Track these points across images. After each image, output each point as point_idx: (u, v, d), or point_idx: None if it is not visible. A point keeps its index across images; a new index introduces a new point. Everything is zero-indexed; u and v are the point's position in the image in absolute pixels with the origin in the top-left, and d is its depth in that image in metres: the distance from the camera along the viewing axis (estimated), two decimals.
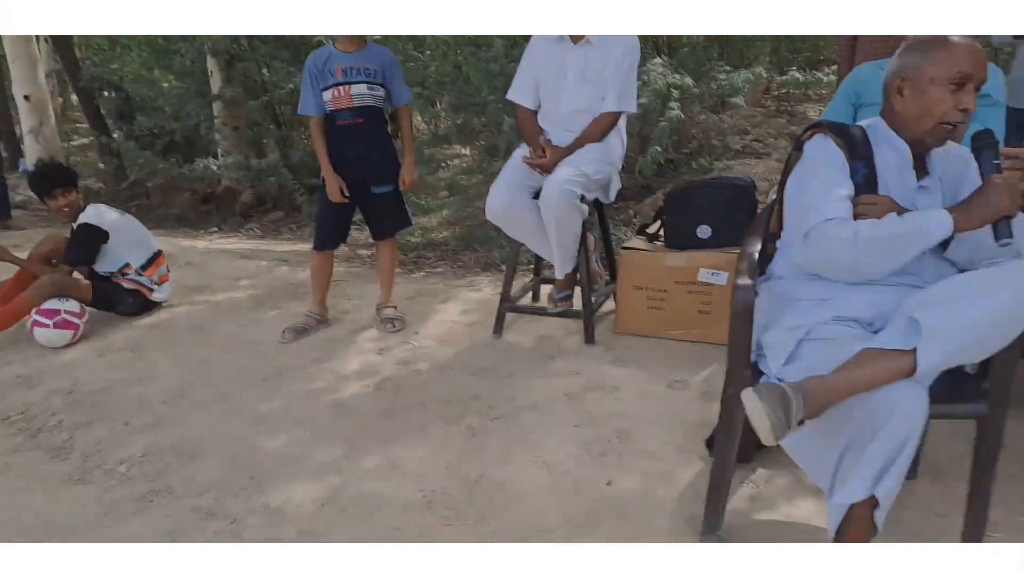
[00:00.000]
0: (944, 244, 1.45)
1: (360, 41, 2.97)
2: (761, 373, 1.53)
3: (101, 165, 7.44)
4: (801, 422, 1.32)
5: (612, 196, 2.91)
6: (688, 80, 4.46)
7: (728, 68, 5.06)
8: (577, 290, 2.90)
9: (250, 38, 6.10)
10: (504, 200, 2.76)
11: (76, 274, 3.28)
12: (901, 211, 1.46)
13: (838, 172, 1.52)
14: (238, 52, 6.07)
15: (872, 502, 1.33)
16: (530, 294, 3.30)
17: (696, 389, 2.42)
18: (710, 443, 2.02)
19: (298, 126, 6.52)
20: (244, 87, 6.24)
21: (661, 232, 2.93)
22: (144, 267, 3.41)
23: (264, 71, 6.38)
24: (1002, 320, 1.30)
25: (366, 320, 3.26)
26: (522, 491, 1.93)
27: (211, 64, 6.10)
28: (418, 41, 6.29)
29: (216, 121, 6.20)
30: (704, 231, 2.76)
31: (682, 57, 4.95)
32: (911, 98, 1.48)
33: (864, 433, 1.30)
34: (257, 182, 5.95)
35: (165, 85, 7.70)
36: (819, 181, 1.52)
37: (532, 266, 3.40)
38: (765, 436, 1.30)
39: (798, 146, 1.64)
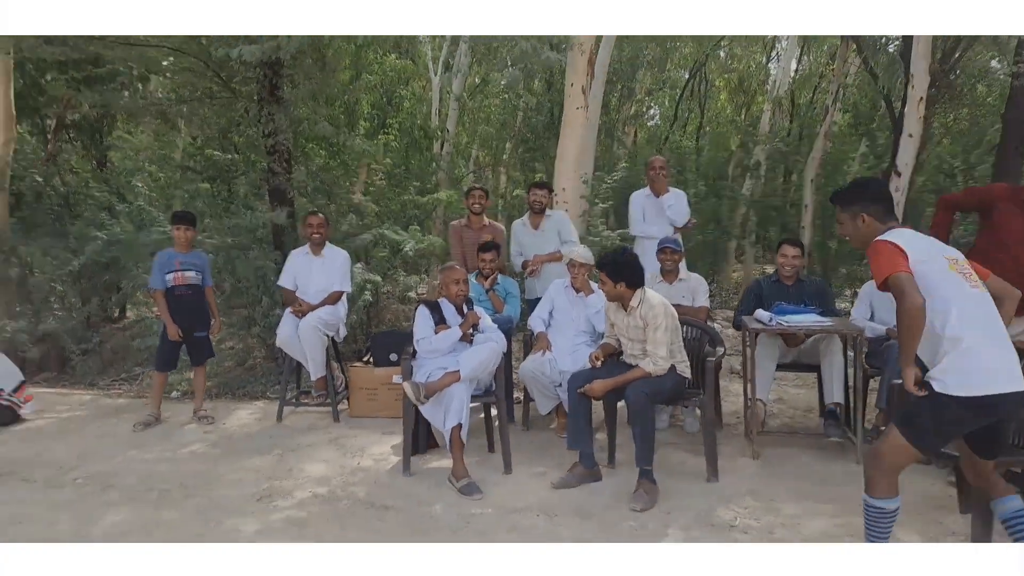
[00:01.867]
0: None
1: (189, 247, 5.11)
2: None
3: None
4: None
5: (341, 336, 5.35)
6: (379, 279, 7.10)
7: (404, 274, 7.89)
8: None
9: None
10: (285, 334, 5.05)
11: None
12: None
13: (428, 320, 4.20)
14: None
15: (459, 426, 3.85)
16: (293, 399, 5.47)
17: (398, 433, 4.78)
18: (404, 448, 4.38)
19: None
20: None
21: (369, 358, 5.39)
22: (13, 391, 4.87)
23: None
24: (490, 358, 3.98)
25: (186, 419, 5.10)
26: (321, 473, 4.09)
27: None
28: None
29: None
30: (393, 356, 5.26)
31: (374, 263, 7.66)
32: None
33: (448, 400, 3.86)
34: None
35: None
36: (419, 324, 4.18)
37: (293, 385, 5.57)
38: (414, 400, 3.80)
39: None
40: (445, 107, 12.11)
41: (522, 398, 4.97)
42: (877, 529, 2.47)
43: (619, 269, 3.75)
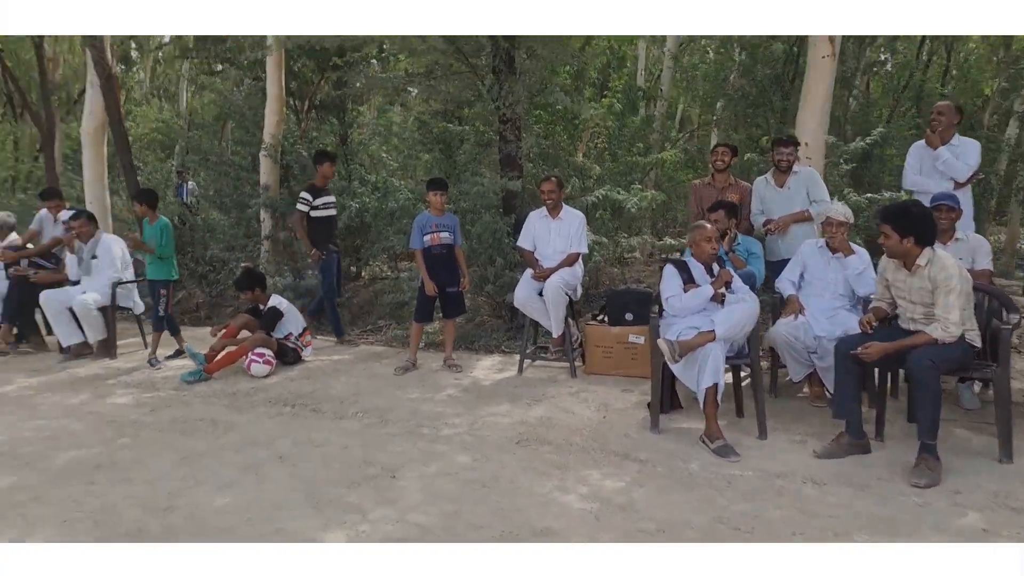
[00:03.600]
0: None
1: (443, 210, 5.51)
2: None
3: None
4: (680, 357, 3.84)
5: (577, 296, 5.50)
6: (604, 239, 7.22)
7: (626, 235, 7.95)
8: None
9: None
10: (524, 295, 5.30)
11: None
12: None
13: (676, 278, 4.15)
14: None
15: (715, 386, 3.82)
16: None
17: (637, 391, 4.88)
18: (649, 405, 4.42)
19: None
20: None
21: (604, 317, 5.50)
22: (299, 335, 5.61)
23: None
24: (746, 319, 3.90)
25: (436, 366, 5.57)
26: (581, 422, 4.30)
27: (264, 214, 8.42)
28: None
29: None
30: (629, 316, 5.33)
31: (597, 225, 7.80)
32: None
33: (702, 359, 3.83)
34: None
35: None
36: (667, 283, 4.15)
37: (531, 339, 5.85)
38: (668, 359, 3.83)
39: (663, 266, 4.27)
40: (653, 67, 11.81)
41: (769, 364, 4.81)
42: None
43: (910, 223, 3.44)
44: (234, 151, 10.40)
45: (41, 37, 11.63)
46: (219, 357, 5.32)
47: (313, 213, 6.29)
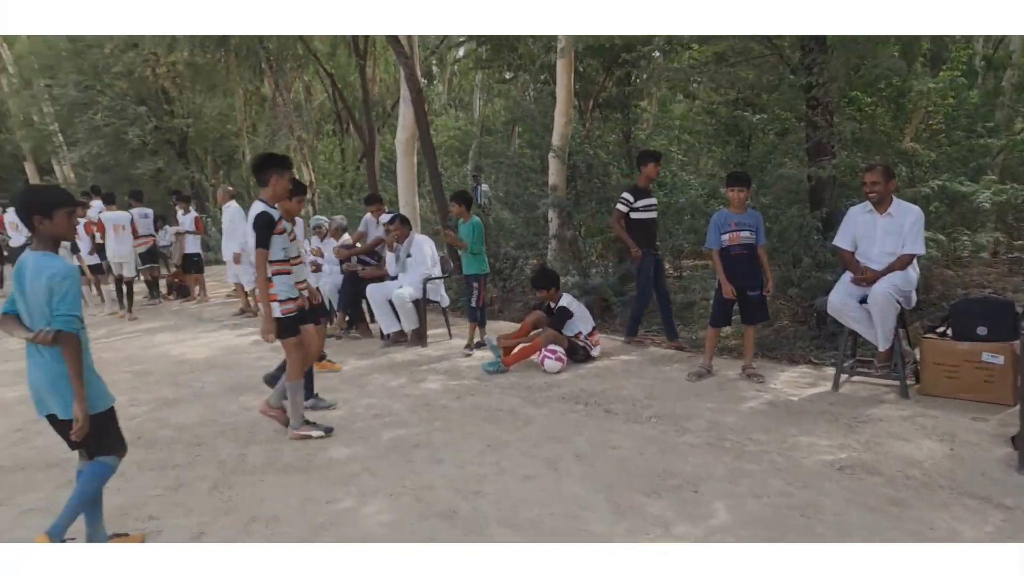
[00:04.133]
0: None
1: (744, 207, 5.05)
2: None
3: None
4: None
5: (911, 304, 4.67)
6: (942, 238, 6.13)
7: (968, 232, 6.67)
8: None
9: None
10: (840, 301, 4.63)
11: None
12: None
13: None
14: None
15: None
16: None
17: (993, 421, 4.01)
18: (1014, 440, 3.59)
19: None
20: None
21: (947, 330, 4.61)
22: (588, 334, 5.58)
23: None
24: None
25: (733, 374, 5.15)
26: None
27: (551, 213, 8.63)
28: None
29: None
30: (982, 330, 4.41)
31: (932, 219, 6.66)
32: None
33: None
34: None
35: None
36: None
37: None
38: None
39: None
40: None
41: None
42: None
43: None
44: (523, 153, 10.87)
45: (364, 59, 13.29)
46: (515, 351, 5.49)
47: (633, 215, 6.06)
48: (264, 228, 3.89)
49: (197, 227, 10.30)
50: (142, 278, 10.49)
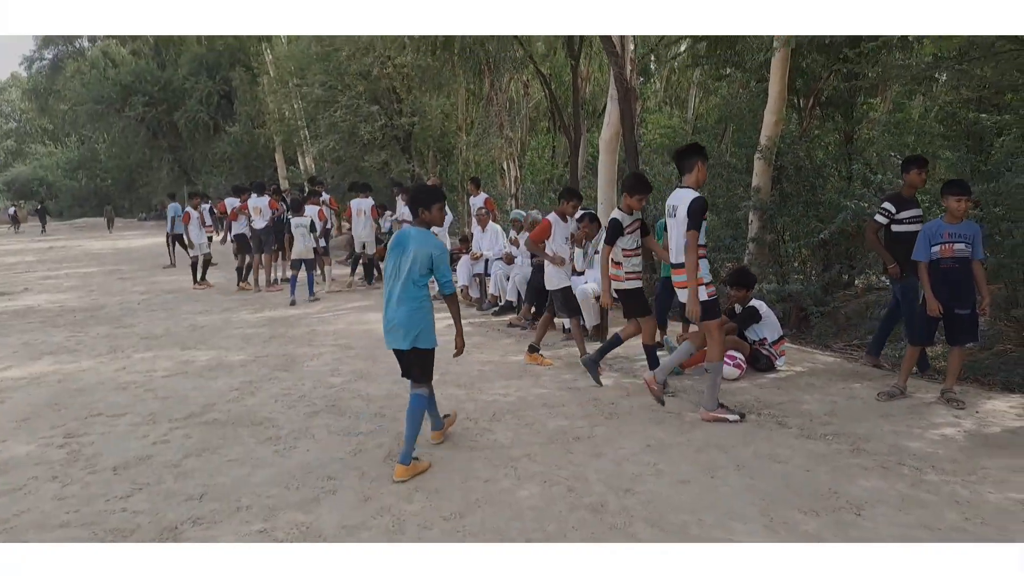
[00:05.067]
0: None
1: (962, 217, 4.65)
2: None
3: None
4: None
5: None
6: None
7: None
8: None
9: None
10: None
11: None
12: None
13: None
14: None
15: None
16: None
17: None
18: None
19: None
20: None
21: None
22: (774, 342, 5.48)
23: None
24: None
25: (933, 396, 4.80)
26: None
27: (752, 216, 8.41)
28: None
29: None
30: None
31: None
32: None
33: None
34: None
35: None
36: None
37: None
38: None
39: None
40: None
41: None
42: None
43: None
44: (732, 153, 10.64)
45: (576, 58, 13.69)
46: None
47: (894, 227, 5.34)
48: (699, 213, 4.34)
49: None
50: (363, 260, 11.72)
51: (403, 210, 11.42)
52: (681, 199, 4.45)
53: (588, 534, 3.04)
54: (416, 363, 3.85)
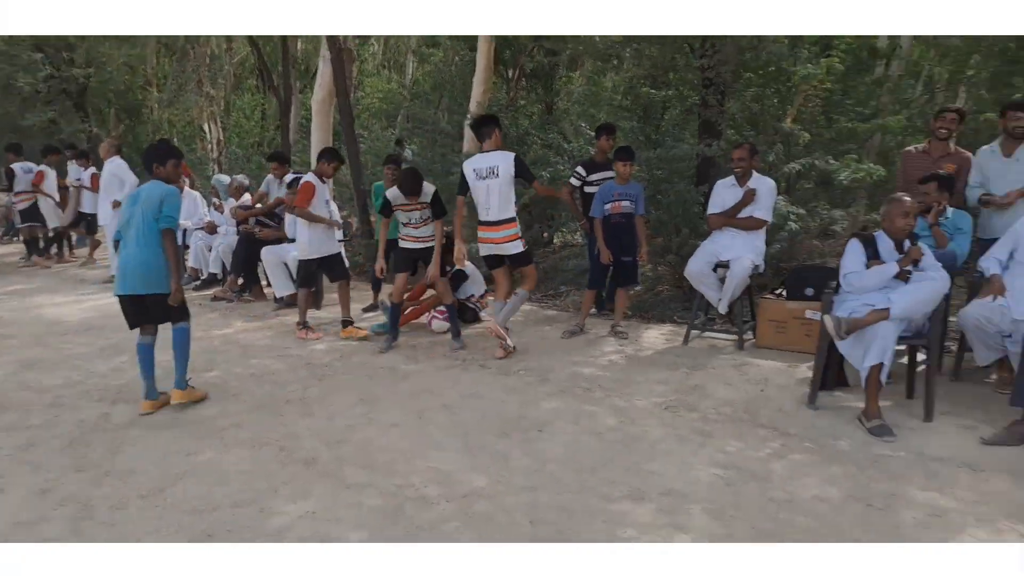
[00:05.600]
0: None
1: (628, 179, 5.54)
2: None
3: None
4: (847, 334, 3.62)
5: (761, 271, 5.29)
6: (802, 211, 6.79)
7: (828, 207, 7.35)
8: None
9: None
10: (697, 268, 5.20)
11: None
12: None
13: (859, 254, 3.86)
14: None
15: (879, 366, 3.56)
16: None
17: (804, 367, 4.64)
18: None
19: None
20: None
21: (782, 291, 5.25)
22: (480, 297, 6.05)
23: None
24: (928, 298, 3.57)
25: (604, 332, 5.68)
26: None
27: None
28: None
29: None
30: (809, 291, 5.04)
31: (798, 195, 7.32)
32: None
33: (871, 338, 3.58)
34: None
35: None
36: (849, 258, 3.87)
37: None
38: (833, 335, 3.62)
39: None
40: None
41: (956, 346, 4.44)
42: None
43: None
44: (448, 120, 11.09)
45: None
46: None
47: (587, 188, 6.05)
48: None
49: (94, 184, 9.32)
50: (21, 237, 10.18)
51: (80, 174, 9.76)
52: (500, 160, 4.98)
53: (299, 485, 3.19)
54: (158, 307, 4.01)
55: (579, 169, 6.19)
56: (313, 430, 3.83)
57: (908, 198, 3.91)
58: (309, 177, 5.83)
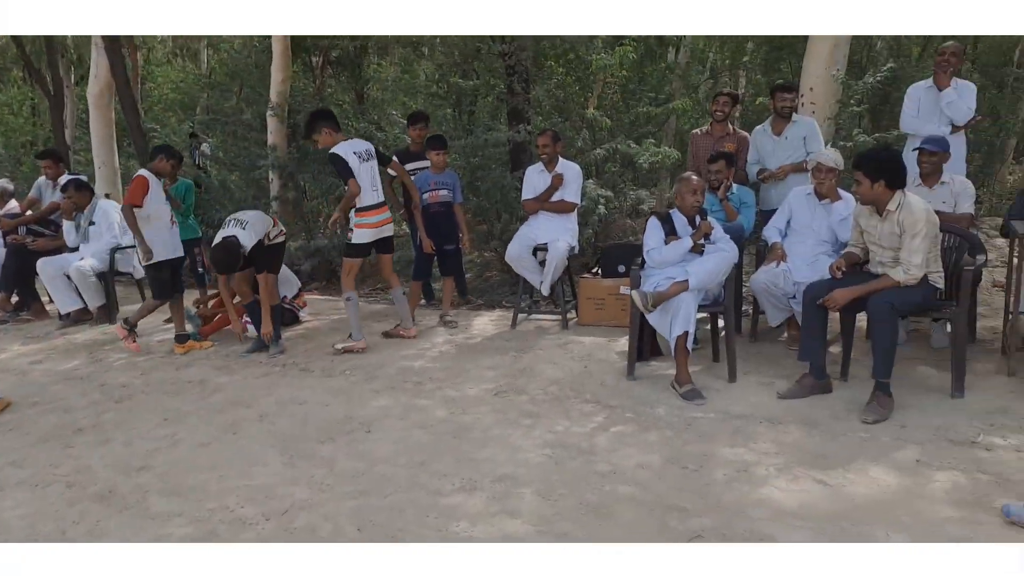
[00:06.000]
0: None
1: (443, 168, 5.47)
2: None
3: None
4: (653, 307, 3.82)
5: (575, 251, 5.46)
6: (610, 193, 7.12)
7: (635, 188, 7.80)
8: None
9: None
10: (516, 252, 5.28)
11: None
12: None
13: (658, 231, 4.09)
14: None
15: (685, 334, 3.80)
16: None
17: (623, 341, 4.84)
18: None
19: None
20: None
21: (598, 270, 5.47)
22: (294, 297, 5.72)
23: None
24: (720, 268, 3.86)
25: (433, 323, 5.60)
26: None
27: (272, 175, 8.47)
28: None
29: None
30: (621, 268, 5.29)
31: (606, 178, 7.67)
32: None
33: (675, 309, 3.80)
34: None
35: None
36: (649, 236, 4.10)
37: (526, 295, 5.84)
38: (641, 309, 3.80)
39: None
40: None
41: (751, 310, 4.83)
42: None
43: (880, 167, 3.47)
44: (241, 110, 10.41)
45: None
46: (215, 320, 5.44)
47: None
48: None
49: None
50: None
51: None
52: (365, 145, 4.98)
53: (93, 523, 2.81)
54: None
55: (395, 159, 6.04)
56: (109, 459, 3.41)
57: (696, 177, 4.21)
58: (143, 172, 5.12)
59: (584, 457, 3.20)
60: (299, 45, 9.43)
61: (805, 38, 8.57)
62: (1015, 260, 4.02)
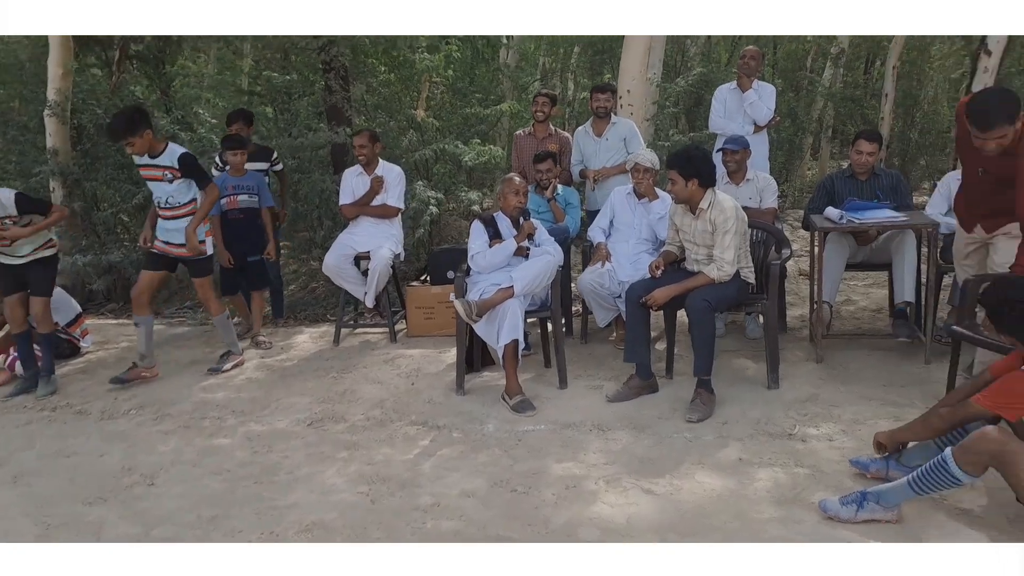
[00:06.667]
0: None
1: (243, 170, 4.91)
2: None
3: None
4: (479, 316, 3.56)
5: (401, 258, 5.11)
6: (441, 195, 6.84)
7: (467, 189, 7.57)
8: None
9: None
10: (335, 262, 4.84)
11: None
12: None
13: (482, 234, 3.87)
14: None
15: (514, 342, 3.56)
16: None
17: (454, 351, 4.54)
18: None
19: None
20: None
21: (428, 277, 5.15)
22: (69, 324, 4.88)
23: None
24: (544, 271, 3.68)
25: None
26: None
27: (53, 182, 7.37)
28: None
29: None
30: (450, 274, 5.00)
31: (436, 179, 7.38)
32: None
33: (501, 316, 3.57)
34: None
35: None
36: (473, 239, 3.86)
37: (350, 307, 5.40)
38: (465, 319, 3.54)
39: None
40: None
41: (580, 311, 4.72)
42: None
43: (691, 165, 3.48)
44: (11, 109, 9.10)
45: None
46: None
47: None
48: None
49: None
50: None
51: None
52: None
53: None
54: None
55: (217, 159, 5.51)
56: None
57: (519, 178, 4.05)
58: None
59: (405, 491, 2.88)
60: (93, 38, 8.35)
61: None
62: (815, 251, 4.20)
